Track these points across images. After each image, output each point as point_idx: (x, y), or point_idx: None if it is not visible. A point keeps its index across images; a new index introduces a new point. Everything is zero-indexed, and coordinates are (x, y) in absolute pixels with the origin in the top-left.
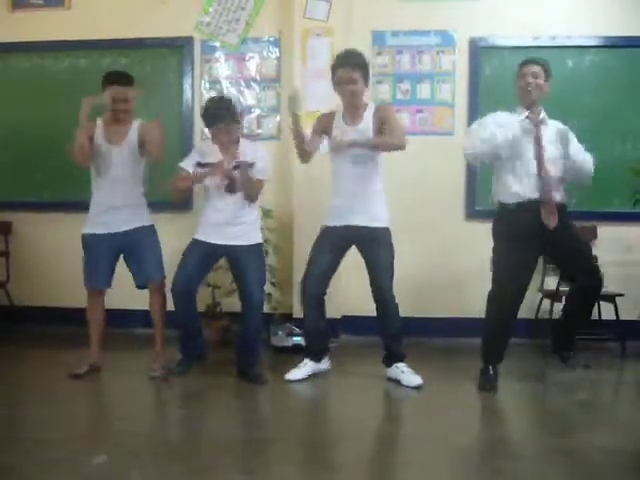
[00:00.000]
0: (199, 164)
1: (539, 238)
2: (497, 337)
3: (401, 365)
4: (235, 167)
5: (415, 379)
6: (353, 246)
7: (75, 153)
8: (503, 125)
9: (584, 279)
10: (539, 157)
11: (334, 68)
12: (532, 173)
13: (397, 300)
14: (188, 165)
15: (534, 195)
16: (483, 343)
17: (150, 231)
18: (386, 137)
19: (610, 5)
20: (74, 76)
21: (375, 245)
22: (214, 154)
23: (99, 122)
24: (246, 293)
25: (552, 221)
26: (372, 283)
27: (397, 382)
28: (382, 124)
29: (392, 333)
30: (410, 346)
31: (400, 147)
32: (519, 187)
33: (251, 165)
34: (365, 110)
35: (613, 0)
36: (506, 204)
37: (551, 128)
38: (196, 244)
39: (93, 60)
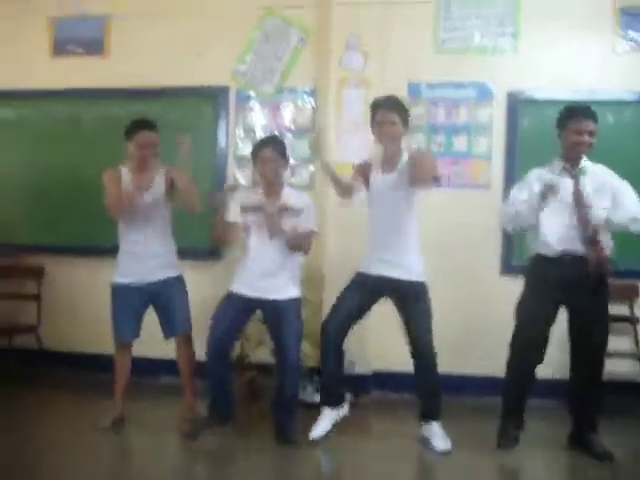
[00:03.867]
0: (241, 208)
1: (565, 293)
2: (517, 390)
3: (434, 425)
4: (279, 211)
5: (444, 444)
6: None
7: (113, 206)
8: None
9: (579, 374)
10: (580, 209)
11: (373, 110)
12: (571, 225)
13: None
14: (234, 217)
15: (571, 247)
16: (504, 399)
17: (178, 282)
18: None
19: None
20: (108, 123)
21: (411, 300)
22: (258, 197)
23: (124, 170)
24: (282, 354)
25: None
26: (410, 337)
27: (426, 441)
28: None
29: (429, 389)
30: (443, 404)
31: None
32: (556, 239)
33: (298, 212)
34: (400, 158)
35: None
36: (542, 255)
37: (594, 176)
38: (231, 298)
39: (127, 108)
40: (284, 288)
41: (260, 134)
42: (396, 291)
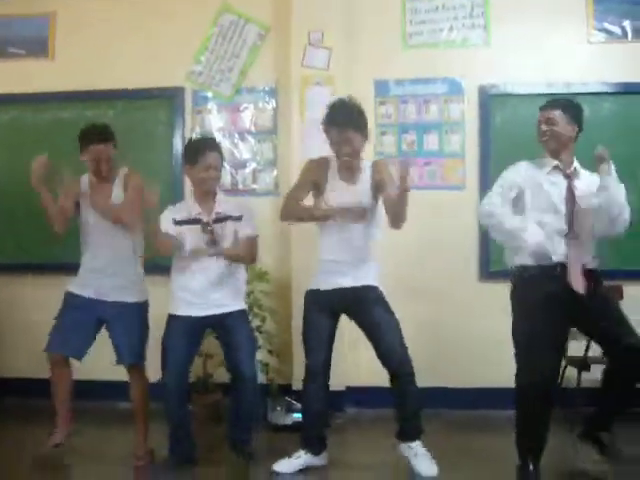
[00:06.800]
0: (175, 221)
1: (569, 308)
2: (533, 428)
3: (416, 445)
4: (216, 220)
5: (429, 468)
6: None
7: (51, 222)
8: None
9: (624, 356)
10: (571, 215)
11: (326, 127)
12: (562, 230)
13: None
14: (167, 227)
15: (563, 257)
16: (517, 435)
17: (137, 308)
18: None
19: (628, 50)
20: (57, 129)
21: (366, 306)
22: (192, 209)
23: (84, 180)
24: (237, 369)
25: (580, 285)
26: (379, 352)
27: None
28: (380, 184)
29: (410, 407)
30: (424, 420)
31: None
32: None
33: (238, 218)
34: (362, 167)
35: (631, 45)
36: (528, 267)
37: (588, 180)
38: (175, 323)
39: (77, 112)
40: (231, 300)
41: (219, 137)
42: (348, 300)
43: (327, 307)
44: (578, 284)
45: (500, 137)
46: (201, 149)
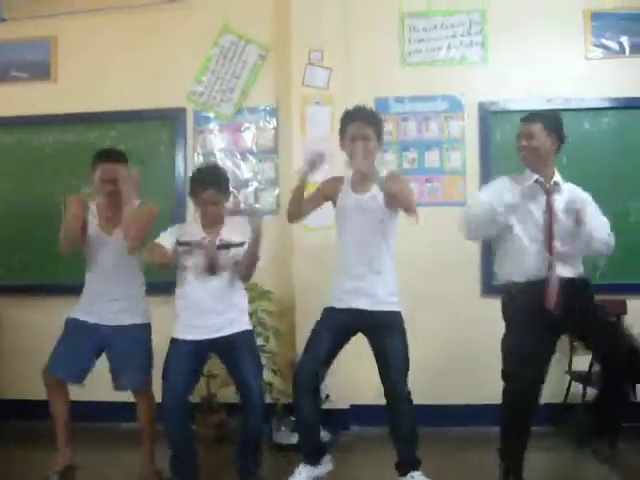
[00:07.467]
0: (178, 243)
1: (555, 319)
2: (516, 438)
3: (417, 475)
4: (220, 247)
5: None
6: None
7: (63, 239)
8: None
9: (608, 363)
10: (548, 230)
11: (345, 122)
12: (543, 247)
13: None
14: (165, 241)
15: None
16: (501, 447)
17: (139, 330)
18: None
19: (626, 65)
20: (60, 151)
21: (386, 333)
22: (196, 233)
23: (92, 207)
24: (244, 390)
25: (552, 303)
26: (384, 379)
27: None
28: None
29: (405, 437)
30: (426, 438)
31: (411, 207)
32: (530, 263)
33: (241, 245)
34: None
35: (629, 60)
36: (517, 283)
37: (565, 194)
38: (178, 347)
39: (80, 134)
40: (234, 322)
41: (220, 157)
42: (365, 323)
43: (339, 325)
44: (550, 301)
45: (500, 153)
46: (200, 185)
